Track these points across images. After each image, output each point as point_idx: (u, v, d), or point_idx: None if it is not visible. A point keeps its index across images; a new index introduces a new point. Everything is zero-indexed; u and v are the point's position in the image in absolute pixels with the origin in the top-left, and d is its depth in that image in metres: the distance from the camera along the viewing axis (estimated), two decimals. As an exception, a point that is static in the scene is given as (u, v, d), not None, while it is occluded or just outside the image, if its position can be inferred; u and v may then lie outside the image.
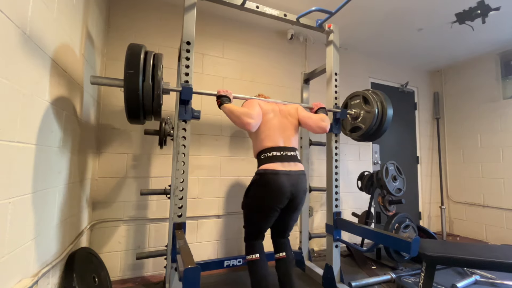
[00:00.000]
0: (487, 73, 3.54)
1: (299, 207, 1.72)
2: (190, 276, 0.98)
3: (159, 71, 1.44)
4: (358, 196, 3.25)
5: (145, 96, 1.37)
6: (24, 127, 1.01)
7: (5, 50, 0.89)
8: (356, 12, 2.61)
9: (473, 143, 3.65)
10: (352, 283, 2.09)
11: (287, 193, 1.61)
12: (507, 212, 3.24)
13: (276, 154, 1.66)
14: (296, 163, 1.69)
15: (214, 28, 2.72)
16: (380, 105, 2.11)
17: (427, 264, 1.67)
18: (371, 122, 2.11)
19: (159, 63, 1.45)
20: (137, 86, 1.33)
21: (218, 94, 1.73)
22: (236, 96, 1.81)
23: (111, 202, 2.20)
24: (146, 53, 1.41)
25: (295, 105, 1.93)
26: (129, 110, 1.38)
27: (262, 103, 1.80)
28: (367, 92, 2.20)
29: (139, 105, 1.37)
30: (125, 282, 2.16)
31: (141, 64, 1.34)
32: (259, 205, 1.65)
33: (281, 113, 1.83)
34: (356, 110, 2.24)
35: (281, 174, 1.60)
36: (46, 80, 1.19)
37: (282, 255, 1.74)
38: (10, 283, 0.96)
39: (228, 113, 1.64)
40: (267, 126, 1.72)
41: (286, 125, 1.79)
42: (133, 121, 1.47)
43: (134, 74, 1.32)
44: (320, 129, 1.79)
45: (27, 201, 1.07)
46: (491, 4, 2.46)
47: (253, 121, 1.61)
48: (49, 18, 1.20)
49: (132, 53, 1.35)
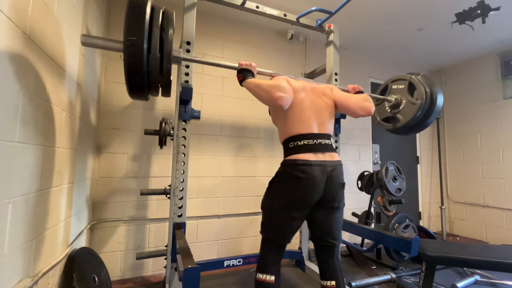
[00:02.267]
0: (487, 73, 3.54)
1: (335, 204, 1.39)
2: (190, 276, 0.98)
3: (170, 35, 1.15)
4: (358, 196, 3.25)
5: (152, 68, 1.11)
6: (23, 127, 1.01)
7: (5, 50, 0.89)
8: (356, 12, 2.61)
9: (473, 143, 3.65)
10: (352, 283, 2.09)
11: (320, 186, 1.33)
12: (507, 212, 3.24)
13: (309, 142, 1.38)
14: (331, 153, 1.40)
15: (214, 28, 2.72)
16: (429, 97, 1.75)
17: (427, 264, 1.67)
18: (413, 115, 1.78)
19: (170, 24, 1.16)
20: (141, 56, 1.06)
21: (239, 68, 1.48)
22: (260, 71, 1.57)
23: (111, 202, 2.20)
24: (152, 9, 1.12)
25: (330, 85, 1.62)
26: (130, 82, 1.13)
27: (292, 80, 1.50)
28: (416, 78, 1.83)
29: (143, 77, 1.12)
30: (125, 282, 2.16)
31: (146, 26, 1.06)
32: (285, 201, 1.35)
33: (314, 91, 1.52)
34: (397, 96, 1.90)
35: (314, 165, 1.33)
36: (45, 80, 1.19)
37: (332, 285, 1.35)
38: (10, 283, 0.96)
39: (253, 88, 1.39)
40: (298, 108, 1.42)
41: (320, 106, 1.48)
42: (136, 96, 1.24)
43: (137, 41, 1.05)
44: (363, 111, 1.47)
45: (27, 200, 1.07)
46: (491, 4, 2.46)
47: (285, 95, 1.33)
48: (49, 18, 1.20)
49: (133, 11, 1.06)
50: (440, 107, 1.77)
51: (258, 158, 2.79)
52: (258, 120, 2.82)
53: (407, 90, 1.84)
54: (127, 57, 1.07)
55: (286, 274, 2.39)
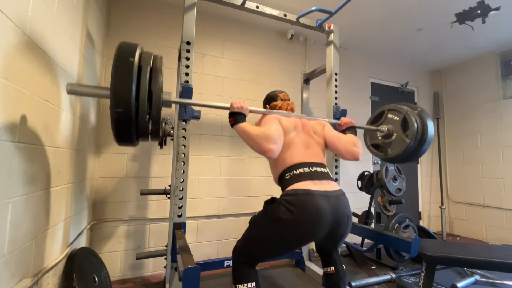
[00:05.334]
0: (487, 73, 3.54)
1: (344, 237, 1.35)
2: (190, 276, 0.98)
3: (159, 80, 1.08)
4: (358, 196, 3.25)
5: (140, 115, 1.02)
6: (23, 126, 1.01)
7: (5, 50, 0.89)
8: (356, 12, 2.61)
9: (473, 143, 3.65)
10: (352, 283, 2.09)
11: (328, 223, 1.23)
12: (507, 212, 3.24)
13: (304, 171, 1.31)
14: (330, 181, 1.33)
15: (214, 28, 2.72)
16: (419, 137, 1.72)
17: (427, 264, 1.67)
18: (400, 152, 1.76)
19: (159, 74, 1.10)
20: (129, 103, 0.98)
21: (231, 111, 1.40)
22: (252, 110, 1.49)
23: (111, 202, 2.20)
24: (140, 55, 1.07)
25: (322, 121, 1.61)
26: (117, 131, 1.03)
27: (283, 119, 1.45)
28: (411, 114, 1.76)
29: (131, 125, 1.02)
30: (125, 282, 2.16)
31: (134, 78, 1.00)
32: (283, 235, 1.23)
33: (305, 129, 1.50)
34: (389, 127, 1.87)
35: (318, 196, 1.22)
36: (46, 80, 1.19)
37: (331, 270, 1.41)
38: (10, 283, 0.96)
39: (243, 136, 1.32)
40: (289, 146, 1.39)
41: (311, 143, 1.46)
42: (123, 144, 1.12)
43: (124, 87, 0.98)
44: (350, 156, 1.46)
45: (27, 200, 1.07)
46: (491, 4, 2.46)
47: (275, 146, 1.27)
48: (49, 18, 1.20)
49: (122, 57, 1.01)
50: (430, 143, 1.76)
51: (258, 158, 2.79)
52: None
53: (401, 123, 1.80)
54: (114, 99, 0.99)
55: (286, 274, 2.40)
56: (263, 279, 2.26)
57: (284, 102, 1.65)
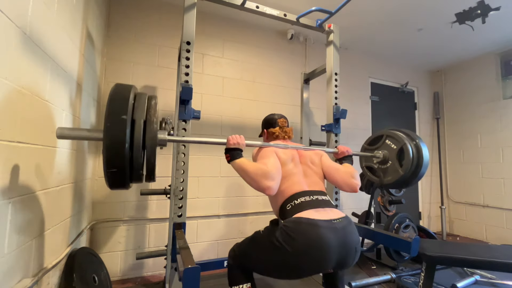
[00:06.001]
0: (487, 73, 3.54)
1: (349, 267, 1.27)
2: (190, 276, 0.98)
3: (153, 128, 1.04)
4: (358, 196, 3.25)
5: (135, 162, 1.00)
6: (23, 127, 1.01)
7: (5, 50, 0.89)
8: (356, 12, 2.61)
9: (473, 143, 3.65)
10: (352, 283, 2.09)
11: (334, 256, 1.13)
12: (507, 212, 3.24)
13: (306, 199, 1.25)
14: (332, 209, 1.27)
15: (214, 28, 2.72)
16: (413, 169, 1.73)
17: (427, 264, 1.67)
18: (393, 181, 1.77)
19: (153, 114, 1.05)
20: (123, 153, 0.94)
21: (227, 147, 1.37)
22: (249, 144, 1.44)
23: (111, 202, 2.20)
24: (135, 97, 1.04)
25: (319, 152, 1.58)
26: (111, 184, 1.00)
27: (280, 151, 1.42)
28: (410, 143, 1.75)
29: (125, 178, 1.00)
30: (125, 282, 2.16)
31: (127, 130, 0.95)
32: (283, 264, 1.15)
33: (302, 160, 1.48)
34: (385, 153, 1.87)
35: (323, 228, 1.13)
36: (45, 80, 1.19)
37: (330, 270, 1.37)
38: (10, 283, 0.96)
39: (240, 172, 1.28)
40: (288, 177, 1.35)
41: (309, 173, 1.43)
42: (116, 188, 1.07)
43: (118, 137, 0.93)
44: (349, 188, 1.43)
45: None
46: (491, 4, 2.46)
47: (273, 183, 1.21)
48: (49, 18, 1.20)
49: (115, 106, 0.95)
50: (423, 175, 1.77)
51: (258, 158, 2.79)
52: (258, 120, 2.81)
53: (397, 153, 1.79)
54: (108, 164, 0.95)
55: (286, 274, 2.39)
56: (261, 279, 2.26)
57: (282, 130, 1.61)
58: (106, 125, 0.93)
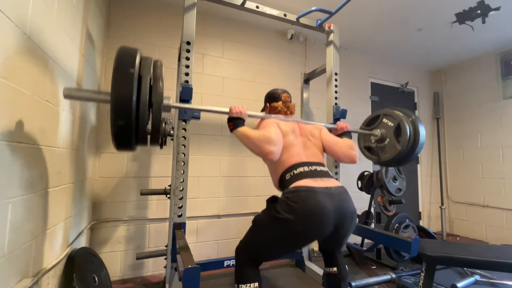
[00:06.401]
0: (487, 73, 3.54)
1: (348, 235, 1.35)
2: (190, 276, 0.98)
3: (160, 89, 1.07)
4: (358, 196, 3.24)
5: (141, 120, 1.03)
6: (23, 126, 1.01)
7: (5, 50, 0.88)
8: (356, 12, 2.61)
9: (473, 143, 3.65)
10: (352, 283, 2.09)
11: (331, 220, 1.22)
12: (507, 212, 3.24)
13: (304, 169, 1.32)
14: (330, 179, 1.34)
15: (214, 28, 2.72)
16: (411, 145, 1.76)
17: (427, 264, 1.67)
18: (391, 158, 1.81)
19: (159, 78, 1.09)
20: (130, 115, 0.98)
21: (230, 116, 1.41)
22: (251, 115, 1.50)
23: (111, 202, 2.20)
24: (140, 63, 1.06)
25: (319, 126, 1.64)
26: (117, 140, 1.04)
27: (282, 123, 1.47)
28: (406, 120, 1.79)
29: (131, 134, 1.04)
30: (125, 282, 2.16)
31: (135, 82, 0.99)
32: (286, 235, 1.22)
33: (302, 132, 1.53)
34: (382, 132, 1.90)
35: (320, 193, 1.22)
36: (45, 80, 1.19)
37: (334, 270, 1.43)
38: (10, 283, 0.96)
39: (243, 139, 1.33)
40: (288, 148, 1.40)
41: (309, 145, 1.49)
42: (122, 149, 1.13)
43: (125, 99, 0.98)
44: (348, 159, 1.49)
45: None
46: (491, 4, 2.46)
47: (275, 148, 1.29)
48: (49, 18, 1.20)
49: (121, 68, 0.99)
50: (420, 149, 1.81)
51: (258, 158, 2.78)
52: (258, 120, 2.82)
53: (394, 130, 1.83)
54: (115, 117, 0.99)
55: (286, 274, 2.40)
56: (263, 279, 2.26)
57: (285, 105, 1.64)
58: (114, 78, 0.97)
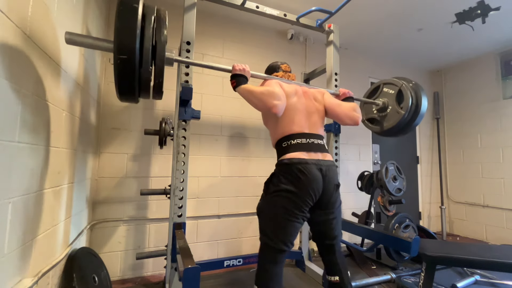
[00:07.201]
0: (487, 73, 3.54)
1: (331, 205, 1.39)
2: (190, 276, 0.98)
3: (163, 36, 1.07)
4: (358, 196, 3.25)
5: (144, 68, 1.04)
6: (23, 127, 1.01)
7: (5, 50, 0.88)
8: (356, 12, 2.61)
9: (473, 143, 3.65)
10: (352, 283, 2.09)
11: (319, 185, 1.32)
12: (507, 212, 3.24)
13: (302, 141, 1.38)
14: (324, 153, 1.41)
15: (214, 28, 2.72)
16: (414, 108, 1.79)
17: (427, 264, 1.67)
18: (395, 124, 1.82)
19: (163, 25, 1.09)
20: (133, 60, 0.99)
21: (233, 72, 1.44)
22: (254, 75, 1.54)
23: (111, 202, 2.20)
24: (144, 9, 1.06)
25: (322, 90, 1.63)
26: (120, 82, 1.04)
27: (285, 85, 1.49)
28: (406, 87, 1.83)
29: (134, 75, 1.04)
30: (125, 282, 2.16)
31: (138, 28, 0.98)
32: (285, 202, 1.30)
33: (305, 95, 1.53)
34: (384, 100, 1.93)
35: (310, 163, 1.32)
36: (46, 80, 1.19)
37: (336, 280, 1.38)
38: (10, 283, 0.96)
39: (247, 95, 1.36)
40: (290, 111, 1.42)
41: (311, 109, 1.49)
42: (126, 99, 1.15)
43: (128, 34, 0.97)
44: (350, 120, 1.50)
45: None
46: (491, 4, 2.46)
47: (279, 102, 1.31)
48: (49, 18, 1.20)
49: (124, 10, 0.98)
50: (423, 116, 1.84)
51: (258, 158, 2.79)
52: (258, 120, 2.82)
53: (396, 96, 1.86)
54: (118, 63, 1.00)
55: (286, 274, 2.39)
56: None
57: (286, 73, 1.67)
58: (118, 9, 0.97)
